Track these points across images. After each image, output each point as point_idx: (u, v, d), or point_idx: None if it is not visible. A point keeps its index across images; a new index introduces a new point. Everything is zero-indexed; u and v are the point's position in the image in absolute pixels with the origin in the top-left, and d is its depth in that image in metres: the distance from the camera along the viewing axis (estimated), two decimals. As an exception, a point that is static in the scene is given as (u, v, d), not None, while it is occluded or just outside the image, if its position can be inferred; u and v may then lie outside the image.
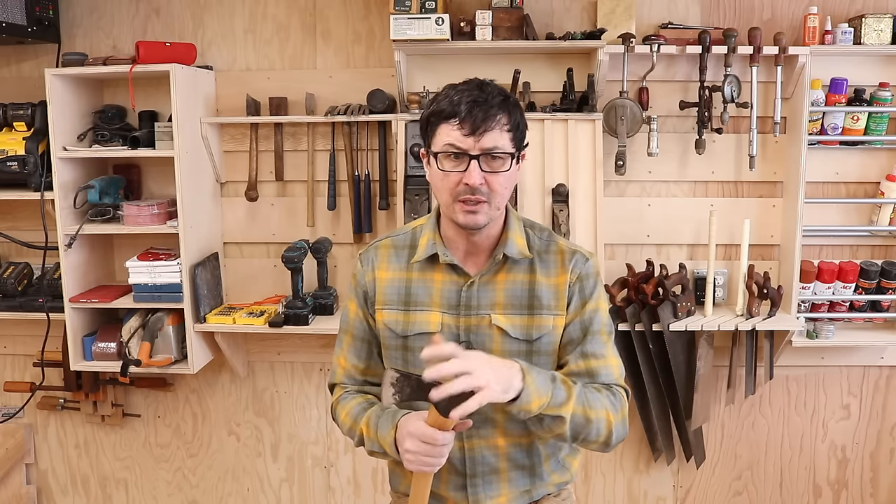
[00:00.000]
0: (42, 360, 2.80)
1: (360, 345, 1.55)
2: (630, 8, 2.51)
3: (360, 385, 1.56)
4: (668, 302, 2.54)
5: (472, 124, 1.33)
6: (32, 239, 2.71)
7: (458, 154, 1.35)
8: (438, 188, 1.41)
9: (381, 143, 2.64)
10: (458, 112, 1.34)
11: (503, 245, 1.45)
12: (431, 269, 1.48)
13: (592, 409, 1.37)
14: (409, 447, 1.32)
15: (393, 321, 1.49)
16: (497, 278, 1.46)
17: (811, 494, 2.89)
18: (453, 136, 1.35)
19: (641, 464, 2.88)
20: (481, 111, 1.33)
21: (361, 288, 1.53)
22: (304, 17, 2.72)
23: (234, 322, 2.58)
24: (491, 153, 1.35)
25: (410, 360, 1.47)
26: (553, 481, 1.56)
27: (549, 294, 1.45)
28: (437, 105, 1.38)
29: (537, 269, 1.47)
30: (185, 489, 3.03)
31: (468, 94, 1.35)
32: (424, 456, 1.31)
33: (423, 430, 1.30)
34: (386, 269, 1.52)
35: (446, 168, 1.37)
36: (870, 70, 2.57)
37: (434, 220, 1.51)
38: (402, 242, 1.54)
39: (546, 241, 1.50)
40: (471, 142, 1.34)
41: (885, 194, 2.58)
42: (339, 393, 1.57)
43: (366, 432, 1.45)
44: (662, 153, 2.59)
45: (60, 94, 2.53)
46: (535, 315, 1.45)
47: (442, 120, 1.37)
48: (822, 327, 2.64)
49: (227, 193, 2.80)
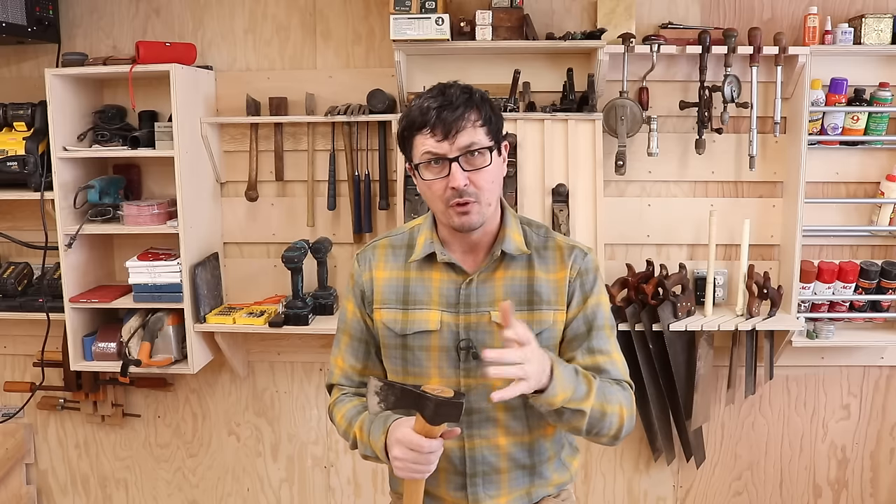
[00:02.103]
0: (42, 360, 2.80)
1: (358, 345, 1.56)
2: (630, 8, 2.51)
3: (357, 386, 1.56)
4: (668, 302, 2.54)
5: (443, 128, 1.35)
6: (32, 239, 2.71)
7: (437, 160, 1.37)
8: (429, 198, 1.43)
9: (381, 143, 2.65)
10: (428, 120, 1.36)
11: (500, 242, 1.46)
12: (430, 268, 1.49)
13: (609, 403, 1.39)
14: (396, 454, 1.32)
15: (392, 320, 1.49)
16: (495, 275, 1.47)
17: (811, 494, 2.89)
18: (429, 145, 1.37)
19: (641, 464, 2.88)
20: (449, 113, 1.36)
21: (359, 288, 1.53)
22: (304, 17, 2.72)
23: (234, 322, 2.58)
24: (469, 151, 1.37)
25: (410, 358, 1.47)
26: (554, 481, 1.56)
27: (549, 289, 1.46)
28: (408, 119, 1.40)
29: (536, 265, 1.47)
30: (185, 489, 3.03)
31: (433, 101, 1.37)
32: (412, 463, 1.31)
33: (410, 438, 1.30)
34: (384, 268, 1.52)
35: (428, 177, 1.39)
36: (870, 70, 2.57)
37: (431, 220, 1.51)
38: (399, 242, 1.54)
39: (544, 238, 1.51)
40: (446, 146, 1.36)
41: (885, 194, 2.58)
42: (336, 394, 1.58)
43: (359, 436, 1.45)
44: (662, 153, 2.59)
45: (60, 94, 2.53)
46: (535, 311, 1.45)
47: (415, 132, 1.39)
48: (822, 327, 2.64)
49: (227, 193, 2.80)
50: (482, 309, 1.45)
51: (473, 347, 1.45)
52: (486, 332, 1.45)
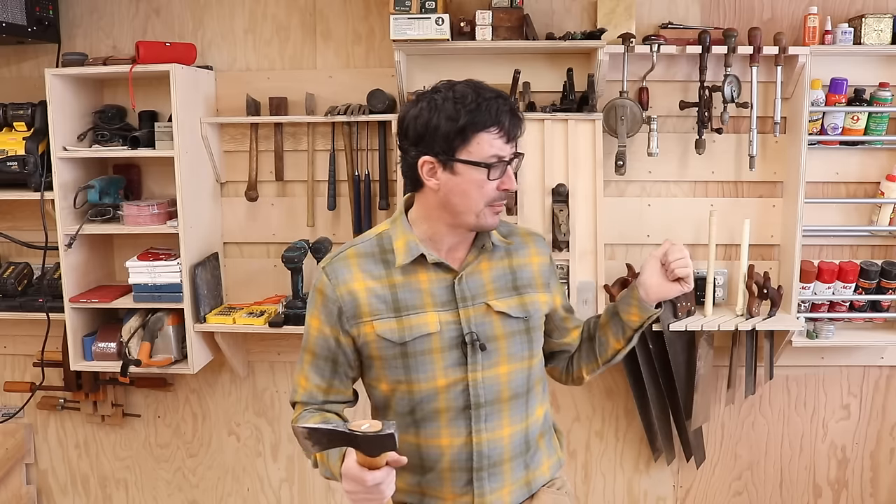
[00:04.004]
0: (42, 360, 2.80)
1: (323, 364, 1.51)
2: (630, 8, 2.51)
3: (320, 405, 1.52)
4: (668, 302, 2.53)
5: (510, 132, 1.41)
6: (32, 239, 2.71)
7: (501, 161, 1.42)
8: (471, 196, 1.42)
9: (381, 143, 2.65)
10: (501, 122, 1.39)
11: (487, 235, 1.52)
12: (415, 272, 1.48)
13: None
14: (347, 489, 1.28)
15: (388, 330, 1.45)
16: (481, 267, 1.52)
17: (811, 494, 2.89)
18: (497, 146, 1.40)
19: (641, 464, 2.88)
20: (517, 119, 1.42)
21: (334, 304, 1.47)
22: (304, 17, 2.72)
23: (234, 322, 2.58)
24: (517, 155, 1.45)
25: (412, 365, 1.46)
26: (546, 465, 1.59)
27: (529, 273, 1.57)
28: (474, 114, 1.38)
29: (512, 253, 1.56)
30: (185, 489, 3.03)
31: (504, 104, 1.41)
32: (362, 495, 1.27)
33: (354, 473, 1.25)
34: (361, 279, 1.47)
35: (493, 177, 1.41)
36: (870, 70, 2.57)
37: (405, 223, 1.50)
38: (368, 249, 1.50)
39: (508, 227, 1.61)
40: (508, 149, 1.42)
41: (885, 194, 2.58)
42: (299, 411, 1.52)
43: (319, 458, 1.44)
44: (662, 153, 2.59)
45: (60, 94, 2.53)
46: (524, 294, 1.54)
47: (481, 129, 1.39)
48: (822, 327, 2.64)
49: (227, 193, 2.80)
50: (478, 301, 1.49)
51: (478, 339, 1.46)
52: (488, 322, 1.48)
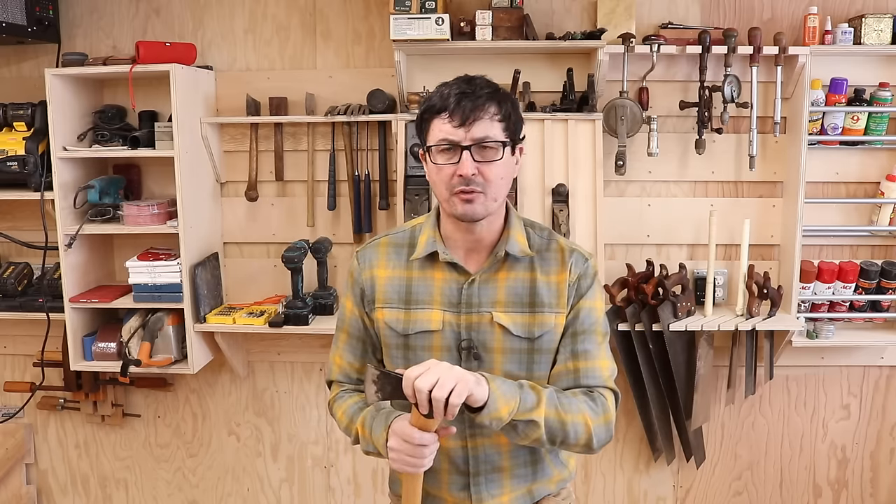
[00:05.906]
0: (42, 360, 2.80)
1: (356, 343, 1.56)
2: (630, 8, 2.51)
3: (355, 383, 1.57)
4: (668, 302, 2.54)
5: (461, 115, 1.36)
6: (32, 239, 2.71)
7: (450, 146, 1.37)
8: (435, 182, 1.43)
9: (381, 143, 2.64)
10: (448, 105, 1.36)
11: (504, 242, 1.46)
12: (431, 268, 1.48)
13: (567, 412, 1.37)
14: (391, 445, 1.34)
15: (394, 320, 1.48)
16: (498, 276, 1.46)
17: (811, 494, 2.89)
18: (444, 130, 1.37)
19: (641, 464, 2.88)
20: (469, 102, 1.36)
21: (358, 286, 1.53)
22: (304, 17, 2.72)
23: (234, 322, 2.58)
24: (482, 143, 1.37)
25: (412, 358, 1.47)
26: (555, 478, 1.56)
27: (550, 292, 1.45)
28: (429, 102, 1.40)
29: (537, 267, 1.47)
30: (185, 489, 3.03)
31: (457, 88, 1.38)
32: (405, 455, 1.32)
33: (404, 430, 1.32)
34: (385, 266, 1.52)
35: (440, 161, 1.39)
36: (870, 70, 2.57)
37: (434, 219, 1.51)
38: (400, 241, 1.54)
39: (546, 240, 1.50)
40: (461, 133, 1.36)
41: (885, 194, 2.58)
42: (335, 391, 1.58)
43: (361, 432, 1.45)
44: (662, 153, 2.59)
45: (60, 94, 2.53)
46: (537, 313, 1.45)
47: (433, 115, 1.39)
48: (822, 327, 2.64)
49: (227, 193, 2.80)
50: (483, 309, 1.45)
51: (474, 348, 1.45)
52: (488, 333, 1.45)
